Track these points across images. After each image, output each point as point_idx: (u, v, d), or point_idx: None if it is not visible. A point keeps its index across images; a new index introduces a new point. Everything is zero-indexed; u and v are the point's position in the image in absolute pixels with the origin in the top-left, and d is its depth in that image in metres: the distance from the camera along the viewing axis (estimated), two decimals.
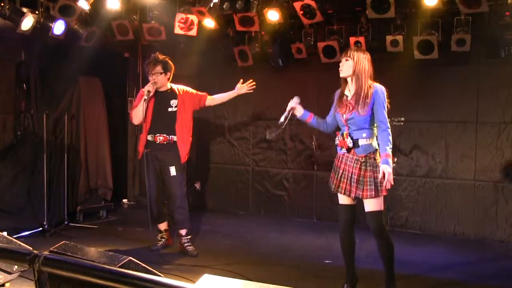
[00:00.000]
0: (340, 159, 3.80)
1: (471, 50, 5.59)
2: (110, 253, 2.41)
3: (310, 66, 6.57)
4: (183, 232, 5.07)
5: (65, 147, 6.12)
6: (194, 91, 5.15)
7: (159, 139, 4.95)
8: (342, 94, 3.82)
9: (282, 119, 3.91)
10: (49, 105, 6.08)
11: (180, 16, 5.74)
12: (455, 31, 5.49)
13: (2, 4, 5.28)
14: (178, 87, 5.11)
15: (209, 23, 5.86)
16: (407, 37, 5.81)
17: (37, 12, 5.57)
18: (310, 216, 6.68)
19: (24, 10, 5.45)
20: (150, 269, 2.25)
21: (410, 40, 5.77)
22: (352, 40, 5.88)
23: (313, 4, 5.20)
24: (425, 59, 5.70)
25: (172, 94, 5.06)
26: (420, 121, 6.13)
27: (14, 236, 4.67)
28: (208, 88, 5.59)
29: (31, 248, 2.09)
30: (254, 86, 5.12)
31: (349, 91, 3.78)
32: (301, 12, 5.36)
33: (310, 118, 3.96)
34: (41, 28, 5.63)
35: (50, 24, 5.66)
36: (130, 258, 2.27)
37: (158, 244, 5.15)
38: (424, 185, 6.13)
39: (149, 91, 4.91)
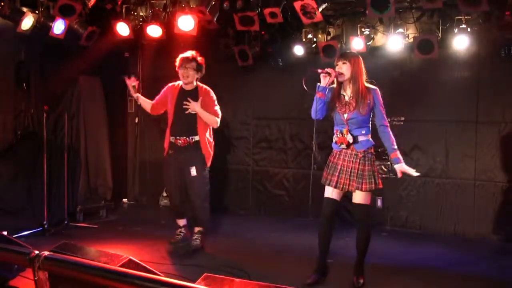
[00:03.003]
0: (337, 155, 4.01)
1: (471, 50, 5.60)
2: (110, 252, 2.40)
3: (310, 65, 6.56)
4: (197, 228, 5.13)
5: (65, 147, 6.12)
6: (214, 102, 5.00)
7: (179, 142, 4.94)
8: (337, 94, 3.96)
9: (319, 70, 3.88)
10: (49, 105, 6.08)
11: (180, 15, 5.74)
12: (455, 30, 5.49)
13: (2, 4, 5.28)
14: (202, 88, 5.04)
15: (209, 22, 5.86)
16: (408, 36, 5.82)
17: (37, 12, 5.57)
18: (310, 214, 6.67)
19: (24, 9, 5.45)
20: (150, 268, 2.25)
21: (410, 39, 5.77)
22: (352, 39, 5.88)
23: (313, 4, 5.20)
24: (425, 59, 5.71)
25: (195, 94, 4.97)
26: (420, 120, 6.13)
27: (14, 236, 4.69)
28: (208, 87, 5.58)
29: (31, 248, 2.09)
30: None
31: (345, 92, 3.95)
32: (301, 11, 5.36)
33: (324, 96, 3.92)
34: (41, 27, 5.63)
35: (50, 24, 5.66)
36: (130, 257, 2.27)
37: (177, 238, 5.21)
38: (424, 185, 6.13)
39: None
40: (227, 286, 1.86)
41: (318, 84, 3.91)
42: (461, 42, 5.47)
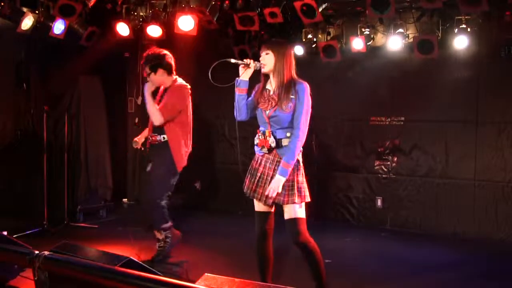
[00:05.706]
0: (259, 160, 3.45)
1: (471, 50, 5.60)
2: (110, 253, 2.40)
3: (310, 65, 6.56)
4: (157, 234, 4.74)
5: (65, 147, 6.12)
6: (172, 99, 4.56)
7: (151, 139, 4.69)
8: (263, 88, 3.45)
9: (232, 60, 3.44)
10: (49, 105, 6.08)
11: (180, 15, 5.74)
12: (455, 30, 5.49)
13: (2, 4, 5.28)
14: (176, 85, 4.66)
15: (209, 22, 5.86)
16: (408, 36, 5.82)
17: (37, 12, 5.57)
18: (309, 215, 6.66)
19: (24, 9, 5.45)
20: (150, 268, 2.25)
21: (410, 39, 5.77)
22: (352, 39, 5.89)
23: (313, 3, 5.20)
24: (425, 59, 5.71)
25: (167, 91, 4.66)
26: (420, 121, 6.13)
27: (14, 236, 4.69)
28: (208, 87, 5.56)
29: (31, 248, 2.09)
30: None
31: (271, 85, 3.43)
32: (301, 11, 5.36)
33: (245, 91, 3.46)
34: (41, 27, 5.63)
35: (50, 24, 5.66)
36: (130, 257, 2.26)
37: (155, 254, 4.73)
38: (424, 185, 6.12)
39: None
40: (227, 286, 1.86)
41: (237, 78, 3.39)
42: (461, 42, 5.46)
